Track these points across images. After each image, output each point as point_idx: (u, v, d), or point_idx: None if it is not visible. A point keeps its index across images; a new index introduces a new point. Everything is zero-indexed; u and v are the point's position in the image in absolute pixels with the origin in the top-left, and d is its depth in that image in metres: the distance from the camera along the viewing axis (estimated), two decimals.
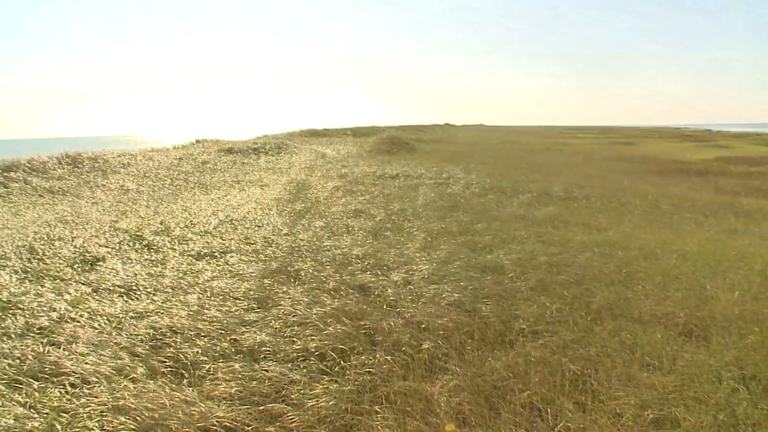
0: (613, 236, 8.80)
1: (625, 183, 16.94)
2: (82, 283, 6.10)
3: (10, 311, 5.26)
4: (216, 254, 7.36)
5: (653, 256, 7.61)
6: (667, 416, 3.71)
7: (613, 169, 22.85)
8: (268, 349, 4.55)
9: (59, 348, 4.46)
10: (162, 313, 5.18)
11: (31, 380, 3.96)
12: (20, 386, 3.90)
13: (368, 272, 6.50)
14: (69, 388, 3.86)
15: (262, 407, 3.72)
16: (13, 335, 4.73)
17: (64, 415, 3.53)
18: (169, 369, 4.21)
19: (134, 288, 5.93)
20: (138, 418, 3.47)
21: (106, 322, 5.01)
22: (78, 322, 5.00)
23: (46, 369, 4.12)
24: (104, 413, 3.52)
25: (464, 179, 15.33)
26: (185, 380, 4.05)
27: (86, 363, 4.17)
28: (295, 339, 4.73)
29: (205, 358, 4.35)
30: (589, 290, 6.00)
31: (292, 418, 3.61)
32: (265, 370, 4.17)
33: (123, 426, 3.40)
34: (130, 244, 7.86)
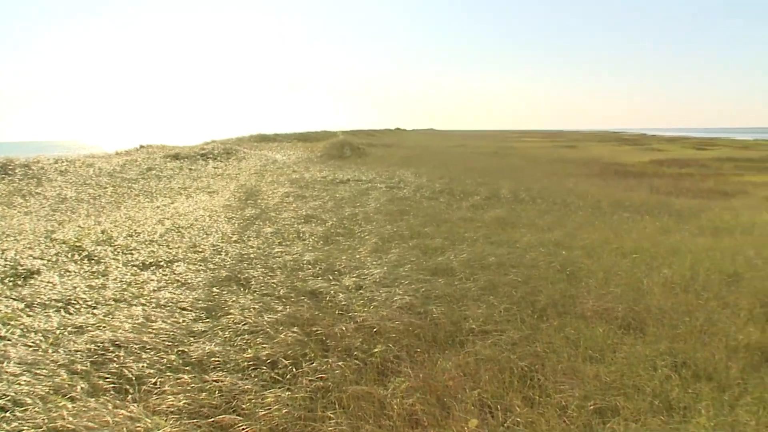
0: (558, 236, 9.14)
1: (569, 185, 17.62)
2: (14, 299, 5.72)
3: None
4: (162, 263, 7.12)
5: (595, 254, 7.96)
6: (608, 405, 3.90)
7: (557, 171, 23.69)
8: (217, 359, 4.44)
9: None
10: (104, 327, 4.95)
11: None
12: None
13: (320, 277, 6.47)
14: None
15: (211, 419, 3.63)
16: None
17: None
18: (112, 385, 4.04)
19: (73, 301, 5.64)
20: None
21: (42, 338, 4.73)
22: (9, 340, 4.70)
23: None
24: None
25: (415, 183, 15.52)
26: (130, 396, 3.90)
27: (18, 384, 3.92)
28: (245, 348, 4.65)
29: (152, 372, 4.21)
30: (535, 289, 6.21)
31: (243, 429, 3.55)
32: (215, 381, 4.08)
33: None
34: (69, 255, 7.47)
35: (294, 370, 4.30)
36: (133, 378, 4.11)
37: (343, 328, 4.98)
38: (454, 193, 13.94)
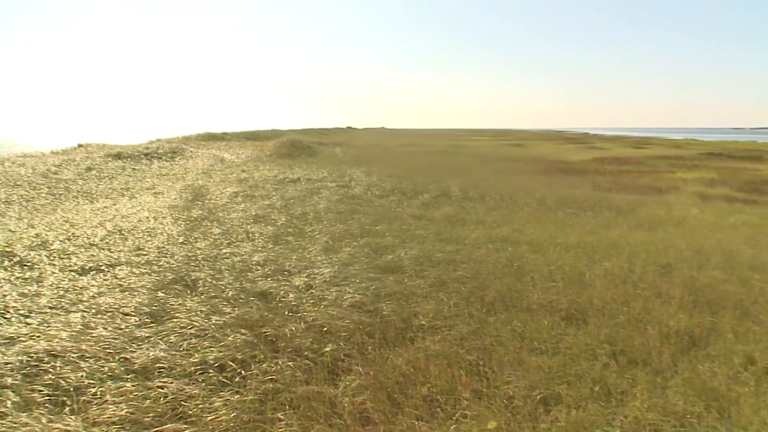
0: (506, 232, 9.40)
1: (516, 182, 18.14)
2: None
3: None
4: (103, 268, 6.81)
5: (541, 249, 8.23)
6: (552, 394, 4.05)
7: (505, 169, 24.32)
8: (162, 365, 4.30)
9: None
10: (38, 337, 4.68)
11: None
12: None
13: (269, 278, 6.38)
14: None
15: (156, 428, 3.51)
16: None
17: None
18: (46, 398, 3.83)
19: (2, 311, 5.31)
20: None
21: None
22: None
23: None
24: None
25: (366, 181, 15.55)
26: (67, 408, 3.72)
27: None
28: (192, 352, 4.53)
29: (91, 382, 4.01)
30: (483, 284, 6.36)
31: None
32: (160, 388, 3.95)
33: None
34: None
35: (243, 372, 4.22)
36: (71, 389, 3.91)
37: (293, 329, 4.94)
38: (404, 192, 14.06)
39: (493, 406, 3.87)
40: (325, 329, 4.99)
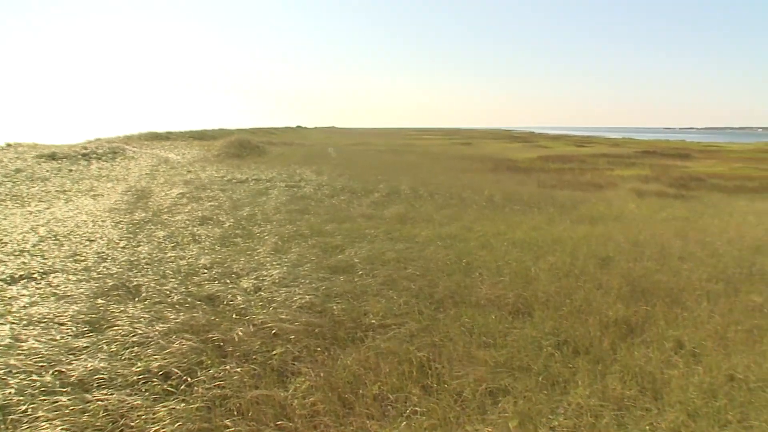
0: (455, 230, 9.56)
1: (465, 180, 18.46)
2: None
3: None
4: (36, 276, 6.44)
5: (488, 245, 8.43)
6: (499, 387, 4.16)
7: (454, 167, 24.72)
8: (102, 376, 4.10)
9: None
10: None
11: None
12: None
13: (216, 281, 6.22)
14: None
15: None
16: None
17: None
18: None
19: None
20: None
21: None
22: None
23: None
24: None
25: (316, 181, 15.43)
26: None
27: None
28: (134, 361, 4.35)
29: (21, 398, 3.78)
30: (433, 281, 6.45)
31: None
32: (100, 400, 3.77)
33: None
34: None
35: (189, 379, 4.10)
36: None
37: (241, 332, 4.83)
38: (355, 191, 14.05)
39: (443, 402, 3.93)
40: (274, 332, 4.91)
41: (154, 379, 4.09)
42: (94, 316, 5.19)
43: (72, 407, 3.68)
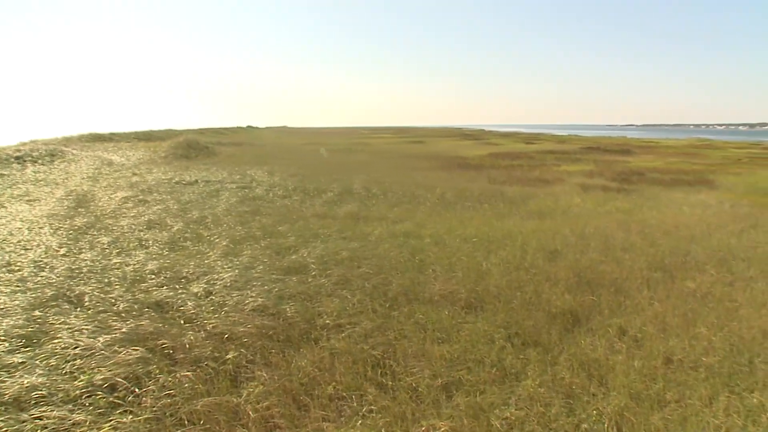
0: (408, 227, 9.63)
1: (417, 178, 18.65)
2: None
3: None
4: None
5: (441, 241, 8.54)
6: (453, 380, 4.23)
7: (406, 166, 24.92)
8: (40, 392, 3.89)
9: None
10: None
11: None
12: None
13: (165, 287, 6.02)
14: None
15: None
16: None
17: None
18: None
19: None
20: None
21: None
22: None
23: None
24: None
25: (268, 182, 15.20)
26: None
27: None
28: (77, 374, 4.14)
29: None
30: (387, 279, 6.47)
31: None
32: (38, 418, 3.57)
33: None
34: None
35: (136, 390, 3.94)
36: None
37: (192, 338, 4.70)
38: (307, 191, 13.93)
39: (399, 398, 3.95)
40: (226, 336, 4.80)
41: (99, 393, 3.91)
42: (31, 329, 4.91)
43: (6, 428, 3.47)
